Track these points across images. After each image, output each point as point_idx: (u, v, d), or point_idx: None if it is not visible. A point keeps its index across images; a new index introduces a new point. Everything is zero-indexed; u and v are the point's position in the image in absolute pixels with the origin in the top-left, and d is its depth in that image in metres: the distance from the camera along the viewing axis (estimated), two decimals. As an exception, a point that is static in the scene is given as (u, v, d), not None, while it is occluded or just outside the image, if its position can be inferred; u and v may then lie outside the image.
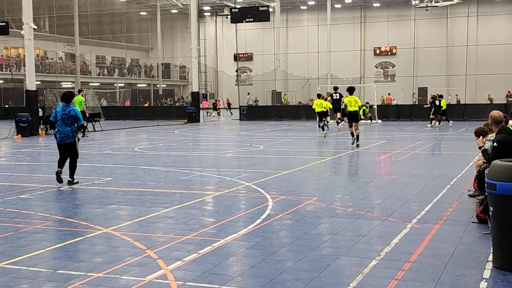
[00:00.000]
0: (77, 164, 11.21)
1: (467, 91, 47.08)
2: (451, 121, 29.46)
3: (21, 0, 25.21)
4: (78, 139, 11.33)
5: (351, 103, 18.30)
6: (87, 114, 25.28)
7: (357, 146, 17.66)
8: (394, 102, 44.40)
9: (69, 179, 11.00)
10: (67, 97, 11.23)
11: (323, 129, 22.98)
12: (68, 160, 11.08)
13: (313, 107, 24.35)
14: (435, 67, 54.79)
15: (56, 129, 11.10)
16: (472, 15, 53.42)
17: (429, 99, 31.16)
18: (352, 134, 18.09)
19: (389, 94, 47.06)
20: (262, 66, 59.41)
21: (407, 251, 6.13)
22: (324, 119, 23.53)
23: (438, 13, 53.18)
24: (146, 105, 52.17)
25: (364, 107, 32.68)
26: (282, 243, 6.59)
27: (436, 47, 54.55)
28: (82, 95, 25.32)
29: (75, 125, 11.13)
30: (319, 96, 25.58)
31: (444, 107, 29.08)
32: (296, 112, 38.88)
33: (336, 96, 25.61)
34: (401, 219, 7.69)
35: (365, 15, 58.50)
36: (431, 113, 28.59)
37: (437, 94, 29.92)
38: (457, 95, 51.92)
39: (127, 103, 49.47)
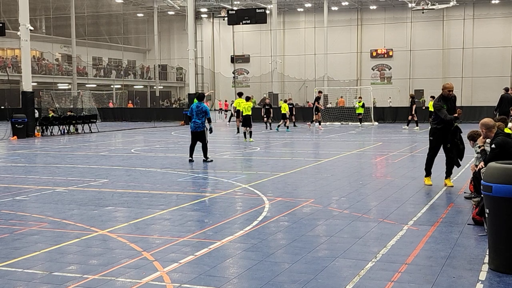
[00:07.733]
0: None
1: (463, 93, 47.19)
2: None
3: (18, 1, 25.17)
4: (207, 129, 14.71)
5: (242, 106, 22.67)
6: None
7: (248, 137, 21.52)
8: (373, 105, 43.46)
9: (204, 158, 14.52)
10: (200, 96, 15.02)
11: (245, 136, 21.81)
12: (199, 145, 14.53)
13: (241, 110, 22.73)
14: (431, 69, 54.89)
15: (192, 120, 14.70)
16: (468, 18, 53.65)
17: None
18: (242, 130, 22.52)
19: (341, 97, 45.88)
20: (259, 68, 59.44)
21: (404, 253, 6.14)
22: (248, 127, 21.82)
23: (434, 15, 53.35)
24: (130, 105, 52.32)
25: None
26: (278, 245, 6.59)
27: (433, 50, 54.67)
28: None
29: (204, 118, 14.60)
30: (243, 96, 24.42)
31: (284, 111, 28.34)
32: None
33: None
34: (398, 221, 7.69)
35: (362, 18, 58.60)
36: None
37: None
38: (390, 97, 50.12)
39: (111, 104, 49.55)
